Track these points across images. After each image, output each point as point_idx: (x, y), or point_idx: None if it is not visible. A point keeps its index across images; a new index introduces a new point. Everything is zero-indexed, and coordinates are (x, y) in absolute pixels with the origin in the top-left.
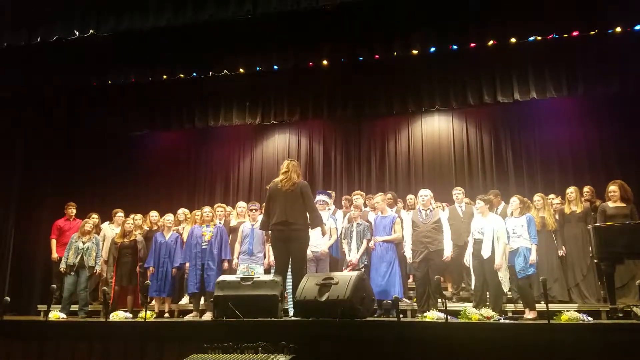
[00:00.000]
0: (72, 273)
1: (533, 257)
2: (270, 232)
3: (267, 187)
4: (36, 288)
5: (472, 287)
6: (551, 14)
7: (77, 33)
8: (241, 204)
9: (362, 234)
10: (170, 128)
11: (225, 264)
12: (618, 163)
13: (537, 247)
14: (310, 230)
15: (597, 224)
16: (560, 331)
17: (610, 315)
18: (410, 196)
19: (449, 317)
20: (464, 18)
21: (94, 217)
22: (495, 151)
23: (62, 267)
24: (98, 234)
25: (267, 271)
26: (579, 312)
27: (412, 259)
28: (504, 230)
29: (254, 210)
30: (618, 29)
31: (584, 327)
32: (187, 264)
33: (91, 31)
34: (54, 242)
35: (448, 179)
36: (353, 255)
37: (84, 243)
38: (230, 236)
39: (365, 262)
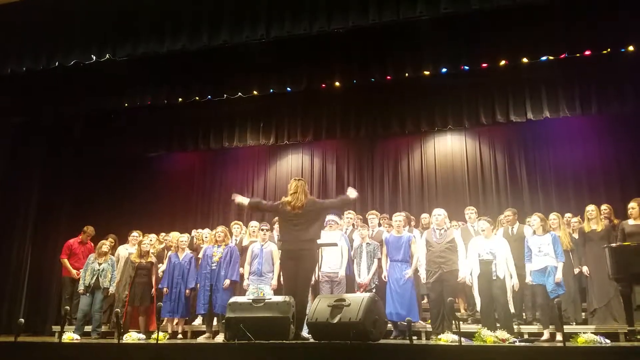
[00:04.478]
0: (88, 294)
1: (559, 276)
2: (280, 251)
3: (280, 201)
4: (52, 308)
5: (478, 308)
6: (563, 33)
7: (94, 57)
8: (253, 223)
9: (372, 253)
10: (185, 149)
11: (226, 283)
12: (635, 181)
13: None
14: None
15: (613, 244)
16: (577, 354)
17: (628, 337)
18: (424, 215)
19: (464, 339)
20: (475, 39)
21: (111, 240)
22: (509, 170)
23: (81, 288)
24: (114, 255)
25: (274, 292)
26: (596, 334)
27: (425, 279)
28: (509, 251)
29: (264, 230)
30: (631, 48)
31: (601, 350)
32: (198, 285)
33: (108, 55)
34: (67, 261)
35: (462, 198)
36: (363, 276)
37: (99, 264)
38: (243, 255)
39: (377, 283)
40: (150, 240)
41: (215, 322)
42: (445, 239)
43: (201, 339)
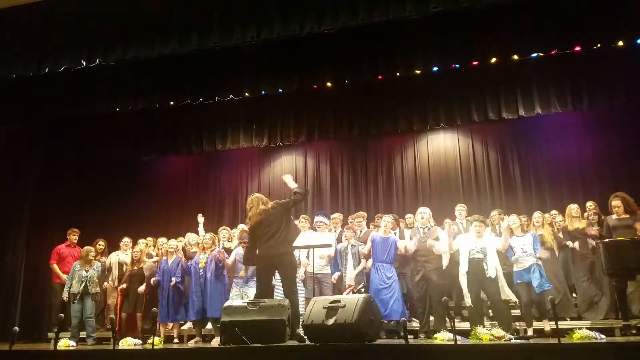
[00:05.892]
0: (76, 301)
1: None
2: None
3: (248, 227)
4: (47, 315)
5: (467, 304)
6: (552, 30)
7: (84, 63)
8: (241, 225)
9: (357, 254)
10: (178, 153)
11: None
12: (627, 176)
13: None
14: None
15: (607, 240)
16: (572, 350)
17: (623, 332)
18: (409, 215)
19: (459, 337)
20: (466, 37)
21: (100, 244)
22: (502, 167)
23: (65, 295)
24: (106, 258)
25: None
26: (591, 329)
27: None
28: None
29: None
30: (620, 43)
31: (597, 346)
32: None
33: (98, 61)
34: (56, 267)
35: (456, 197)
36: (349, 277)
37: (86, 271)
38: None
39: (364, 282)
40: (140, 246)
41: (209, 326)
42: (428, 237)
43: (191, 343)
